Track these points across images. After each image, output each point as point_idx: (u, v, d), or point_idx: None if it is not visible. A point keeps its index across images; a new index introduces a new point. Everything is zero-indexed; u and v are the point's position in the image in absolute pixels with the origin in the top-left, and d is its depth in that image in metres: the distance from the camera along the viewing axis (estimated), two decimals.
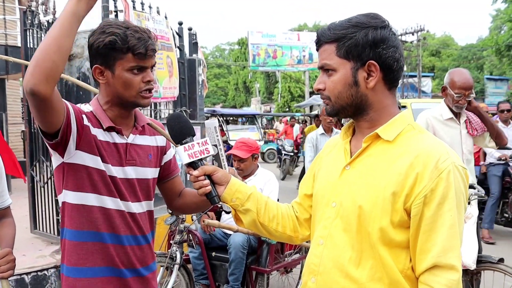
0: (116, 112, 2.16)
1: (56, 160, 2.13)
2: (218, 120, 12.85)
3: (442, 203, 1.58)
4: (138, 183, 2.21)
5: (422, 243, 1.60)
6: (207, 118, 15.99)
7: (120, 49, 2.03)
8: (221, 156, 2.21)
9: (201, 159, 1.93)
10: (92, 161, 2.08)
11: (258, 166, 5.14)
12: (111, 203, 2.12)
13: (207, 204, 2.36)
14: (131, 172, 2.18)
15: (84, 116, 2.08)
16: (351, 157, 1.79)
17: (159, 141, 2.34)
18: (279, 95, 41.19)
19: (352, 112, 1.78)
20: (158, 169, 2.34)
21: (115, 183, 2.13)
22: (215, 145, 2.16)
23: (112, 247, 2.13)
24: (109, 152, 2.12)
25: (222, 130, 14.30)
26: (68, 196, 2.11)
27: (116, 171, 2.14)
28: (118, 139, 2.16)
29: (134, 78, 2.08)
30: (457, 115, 4.53)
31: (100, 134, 2.11)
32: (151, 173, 2.29)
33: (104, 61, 2.07)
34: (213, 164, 2.07)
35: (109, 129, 2.14)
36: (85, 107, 2.16)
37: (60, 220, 2.23)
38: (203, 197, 1.99)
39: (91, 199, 2.10)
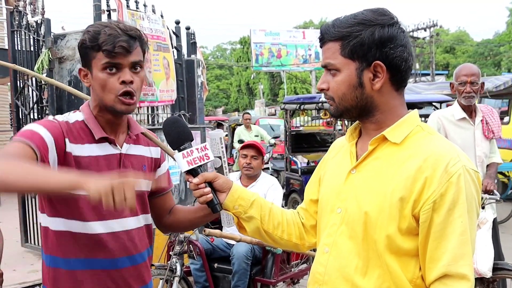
0: (107, 117, 2.11)
1: None
2: None
3: (452, 209, 1.58)
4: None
5: (431, 251, 1.60)
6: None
7: (91, 47, 2.01)
8: (225, 169, 2.20)
9: (200, 166, 1.92)
10: None
11: (261, 172, 5.21)
12: (99, 227, 2.06)
13: (202, 221, 2.32)
14: None
15: (67, 140, 2.02)
16: (357, 160, 1.80)
17: (154, 152, 2.31)
18: (285, 96, 41.19)
19: (357, 114, 1.78)
20: (151, 182, 2.30)
21: None
22: (219, 157, 2.17)
23: (105, 273, 2.09)
24: (99, 167, 2.06)
25: None
26: (49, 221, 2.07)
27: None
28: (111, 150, 2.11)
29: (109, 79, 2.01)
30: (471, 115, 4.52)
31: (89, 149, 2.06)
32: (145, 185, 2.25)
33: (84, 62, 2.07)
34: None
35: (101, 140, 2.09)
36: (76, 115, 2.12)
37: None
38: (198, 213, 1.97)
39: (74, 225, 2.04)
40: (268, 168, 13.11)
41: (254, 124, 15.31)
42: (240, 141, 12.34)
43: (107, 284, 2.10)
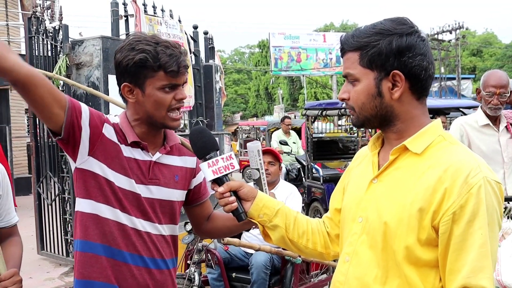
0: (145, 129, 2.21)
1: (72, 167, 2.21)
2: None
3: (472, 221, 1.59)
4: (159, 204, 2.25)
5: (451, 262, 1.62)
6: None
7: (151, 67, 2.09)
8: (263, 181, 2.27)
9: (226, 175, 2.00)
10: (112, 175, 2.14)
11: (280, 179, 5.28)
12: (124, 218, 2.17)
13: (240, 228, 2.41)
14: (154, 191, 2.23)
15: (106, 124, 2.16)
16: (378, 169, 1.84)
17: (189, 162, 2.38)
18: (305, 102, 41.10)
19: (378, 124, 1.82)
20: (185, 192, 2.39)
21: (138, 201, 2.19)
22: (257, 169, 2.24)
23: (125, 266, 2.18)
24: (130, 168, 2.18)
25: None
26: (81, 205, 2.18)
27: (140, 189, 2.19)
28: (142, 156, 2.21)
29: (166, 97, 2.14)
30: (495, 121, 4.51)
31: (123, 150, 2.17)
32: (177, 195, 2.32)
33: (134, 79, 2.13)
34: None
35: (133, 145, 2.19)
36: (115, 119, 2.23)
37: (68, 240, 2.30)
38: (236, 221, 2.07)
39: (103, 209, 2.15)
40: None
41: (300, 128, 14.53)
42: (283, 142, 11.59)
43: (127, 280, 2.18)
